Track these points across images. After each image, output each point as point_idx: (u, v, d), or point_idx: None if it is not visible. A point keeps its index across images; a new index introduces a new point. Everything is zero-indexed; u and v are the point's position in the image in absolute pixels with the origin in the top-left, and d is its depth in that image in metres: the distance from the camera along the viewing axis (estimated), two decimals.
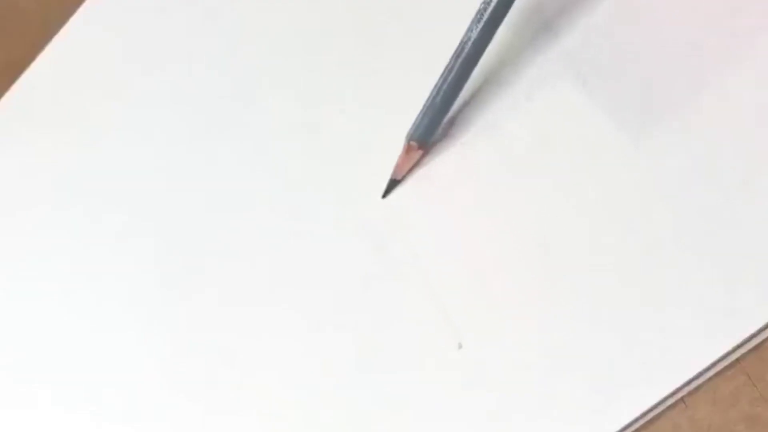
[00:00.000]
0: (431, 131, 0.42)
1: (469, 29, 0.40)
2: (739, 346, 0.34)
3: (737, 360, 0.35)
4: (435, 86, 0.42)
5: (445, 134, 0.43)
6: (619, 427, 0.36)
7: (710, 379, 0.35)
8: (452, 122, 0.43)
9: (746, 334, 0.34)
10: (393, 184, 0.43)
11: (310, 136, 0.47)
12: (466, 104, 0.43)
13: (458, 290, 0.40)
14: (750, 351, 0.35)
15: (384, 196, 0.43)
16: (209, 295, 0.48)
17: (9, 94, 0.60)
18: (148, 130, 0.53)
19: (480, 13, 0.40)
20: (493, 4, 0.39)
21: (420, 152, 0.43)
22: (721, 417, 0.35)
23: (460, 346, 0.40)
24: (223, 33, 0.51)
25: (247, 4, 0.51)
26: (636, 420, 0.36)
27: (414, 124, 0.42)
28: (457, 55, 0.41)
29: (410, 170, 0.43)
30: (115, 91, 0.55)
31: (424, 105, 0.42)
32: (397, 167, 0.43)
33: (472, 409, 0.39)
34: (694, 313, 0.35)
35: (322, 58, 0.48)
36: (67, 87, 0.57)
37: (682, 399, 0.36)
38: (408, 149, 0.43)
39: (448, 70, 0.41)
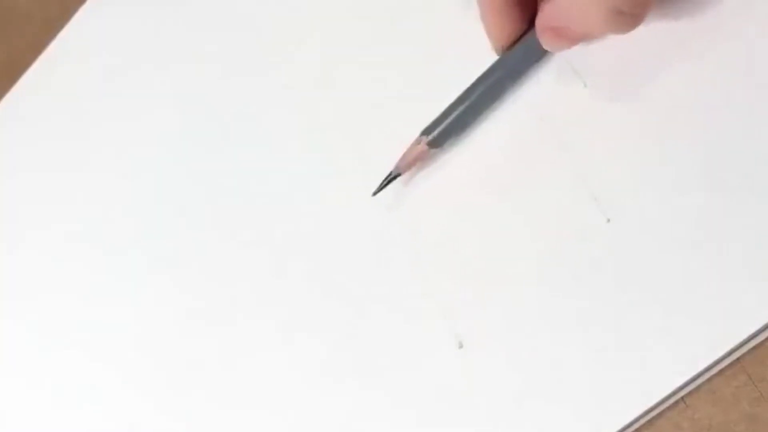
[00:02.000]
0: (447, 136, 0.41)
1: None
2: (739, 346, 0.34)
3: (738, 360, 0.35)
4: (466, 94, 0.41)
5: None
6: (619, 427, 0.36)
7: (711, 379, 0.35)
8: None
9: (747, 334, 0.34)
10: (392, 179, 0.42)
11: (312, 134, 0.47)
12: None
13: (459, 290, 0.40)
14: (750, 351, 0.35)
15: (375, 193, 0.42)
16: (210, 296, 0.48)
17: (10, 95, 0.60)
18: (150, 130, 0.53)
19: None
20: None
21: (427, 151, 0.42)
22: (722, 417, 0.35)
23: (461, 346, 0.40)
24: (226, 33, 0.51)
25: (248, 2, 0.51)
26: (636, 420, 0.36)
27: (435, 122, 0.41)
28: (492, 71, 0.40)
29: (412, 167, 0.42)
30: (117, 91, 0.55)
31: (450, 107, 0.41)
32: (402, 162, 0.42)
33: (472, 409, 0.39)
34: (695, 313, 0.35)
35: (325, 57, 0.48)
36: (68, 88, 0.57)
37: (682, 399, 0.36)
38: (418, 144, 0.41)
39: (482, 84, 0.40)
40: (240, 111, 0.49)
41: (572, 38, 0.37)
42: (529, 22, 0.39)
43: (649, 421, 0.36)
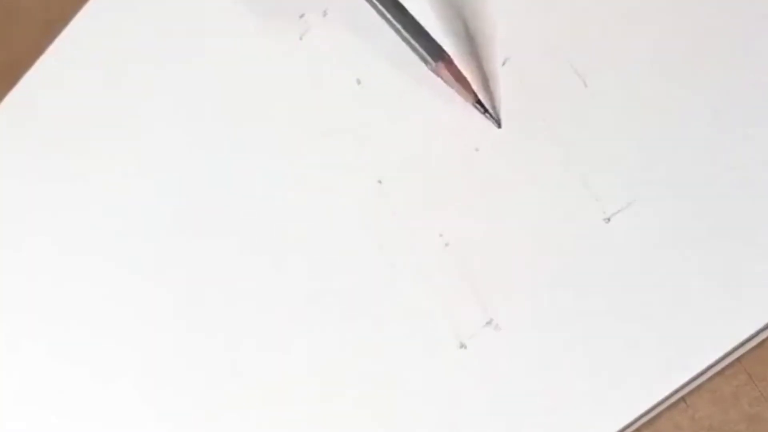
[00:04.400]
0: (434, 45, 0.42)
1: None
2: (739, 346, 0.34)
3: (738, 359, 0.35)
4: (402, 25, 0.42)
5: None
6: (620, 427, 0.36)
7: (711, 378, 0.35)
8: None
9: (747, 334, 0.34)
10: (483, 106, 0.41)
11: (316, 132, 0.47)
12: None
13: (460, 291, 0.40)
14: (751, 350, 0.35)
15: (499, 125, 0.41)
16: (210, 298, 0.48)
17: (10, 95, 0.60)
18: (151, 130, 0.53)
19: None
20: None
21: (451, 64, 0.41)
22: (722, 416, 0.35)
23: (462, 346, 0.40)
24: (227, 33, 0.51)
25: (246, 2, 0.51)
26: (637, 419, 0.36)
27: (419, 51, 0.41)
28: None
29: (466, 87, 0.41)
30: (117, 92, 0.55)
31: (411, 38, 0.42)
32: (464, 94, 0.41)
33: (473, 409, 0.39)
34: (695, 313, 0.35)
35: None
36: (69, 88, 0.57)
37: (683, 398, 0.36)
38: (446, 70, 0.41)
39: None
40: (242, 110, 0.49)
41: None
42: None
43: (650, 421, 0.36)
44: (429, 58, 0.41)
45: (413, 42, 0.42)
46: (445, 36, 0.43)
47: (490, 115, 0.41)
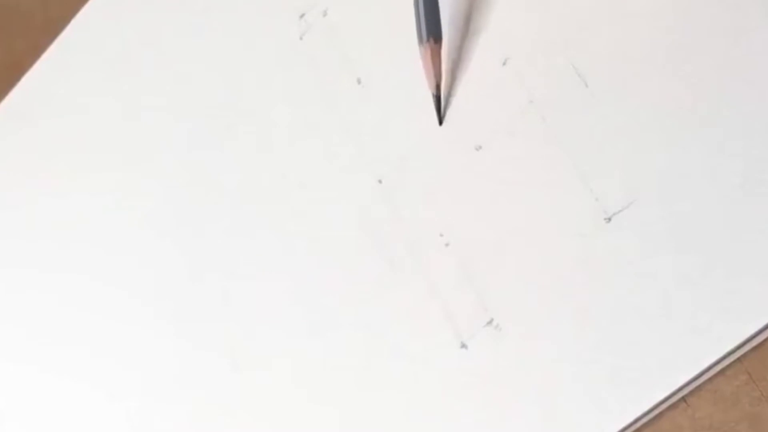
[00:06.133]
0: (435, 26, 0.42)
1: None
2: (740, 346, 0.34)
3: (738, 359, 0.35)
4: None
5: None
6: (620, 427, 0.36)
7: (711, 378, 0.35)
8: None
9: (748, 334, 0.34)
10: (438, 101, 0.42)
11: (312, 133, 0.47)
12: None
13: (461, 291, 0.40)
14: (751, 350, 0.35)
15: (441, 122, 0.42)
16: (208, 295, 0.48)
17: (10, 96, 0.60)
18: (151, 129, 0.53)
19: None
20: None
21: (437, 49, 0.42)
22: (723, 416, 0.35)
23: (462, 346, 0.40)
24: (228, 33, 0.51)
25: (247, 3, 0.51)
26: (637, 419, 0.36)
27: (419, 26, 0.42)
28: None
29: (438, 76, 0.42)
30: (118, 93, 0.55)
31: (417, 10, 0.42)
32: (430, 80, 0.42)
33: (473, 409, 0.39)
34: (696, 313, 0.35)
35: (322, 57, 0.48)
36: (69, 89, 0.57)
37: (683, 398, 0.36)
38: (431, 51, 0.42)
39: None
40: (242, 110, 0.50)
41: None
42: None
43: (650, 421, 0.36)
44: (424, 35, 0.42)
45: (421, 15, 0.42)
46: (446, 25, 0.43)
47: (437, 110, 0.42)
